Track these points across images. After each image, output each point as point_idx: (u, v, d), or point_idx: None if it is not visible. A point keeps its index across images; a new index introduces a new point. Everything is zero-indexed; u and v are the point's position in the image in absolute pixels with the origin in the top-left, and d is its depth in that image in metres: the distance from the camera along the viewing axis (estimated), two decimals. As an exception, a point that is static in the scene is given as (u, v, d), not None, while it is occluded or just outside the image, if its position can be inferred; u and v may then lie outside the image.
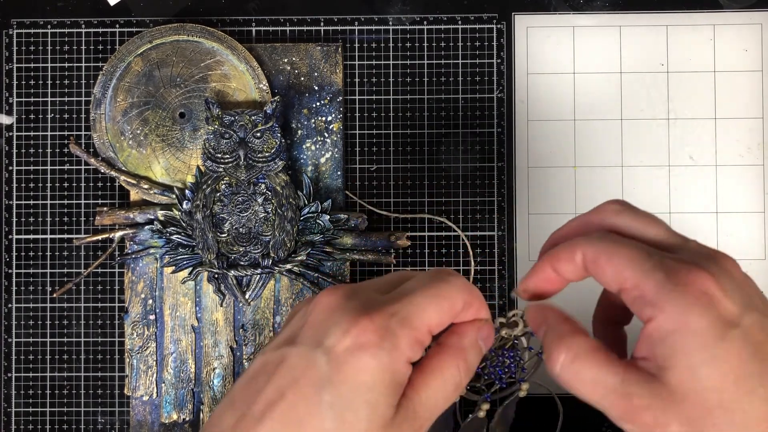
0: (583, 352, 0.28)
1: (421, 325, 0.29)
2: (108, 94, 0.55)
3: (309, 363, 0.28)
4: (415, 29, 0.57)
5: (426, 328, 0.29)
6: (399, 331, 0.28)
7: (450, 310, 0.30)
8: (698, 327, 0.25)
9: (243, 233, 0.54)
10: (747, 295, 0.26)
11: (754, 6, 0.56)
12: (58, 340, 0.56)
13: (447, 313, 0.30)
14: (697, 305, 0.25)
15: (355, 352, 0.28)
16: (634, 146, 0.56)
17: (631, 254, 0.27)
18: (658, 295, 0.26)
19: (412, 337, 0.28)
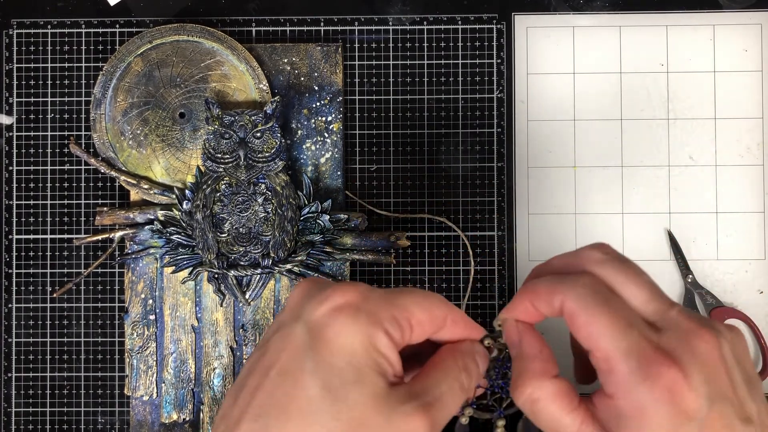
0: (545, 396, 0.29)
1: (401, 306, 0.29)
2: (108, 94, 0.55)
3: (289, 338, 0.28)
4: (415, 29, 0.57)
5: (405, 312, 0.29)
6: (378, 301, 0.29)
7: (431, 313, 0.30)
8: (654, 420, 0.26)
9: (243, 233, 0.54)
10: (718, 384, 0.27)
11: (754, 6, 0.56)
12: (58, 340, 0.56)
13: (428, 314, 0.30)
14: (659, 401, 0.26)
15: (332, 314, 0.28)
16: (634, 146, 0.56)
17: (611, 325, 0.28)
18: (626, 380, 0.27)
19: (390, 311, 0.28)
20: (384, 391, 0.27)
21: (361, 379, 0.27)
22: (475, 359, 0.32)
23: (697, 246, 0.56)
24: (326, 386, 0.27)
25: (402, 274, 0.56)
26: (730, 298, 0.56)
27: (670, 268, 0.56)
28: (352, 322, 0.28)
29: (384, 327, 0.28)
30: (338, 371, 0.27)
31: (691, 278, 0.55)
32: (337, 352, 0.27)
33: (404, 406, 0.27)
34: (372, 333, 0.28)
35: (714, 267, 0.56)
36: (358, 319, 0.28)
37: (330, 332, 0.27)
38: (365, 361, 0.27)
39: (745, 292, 0.56)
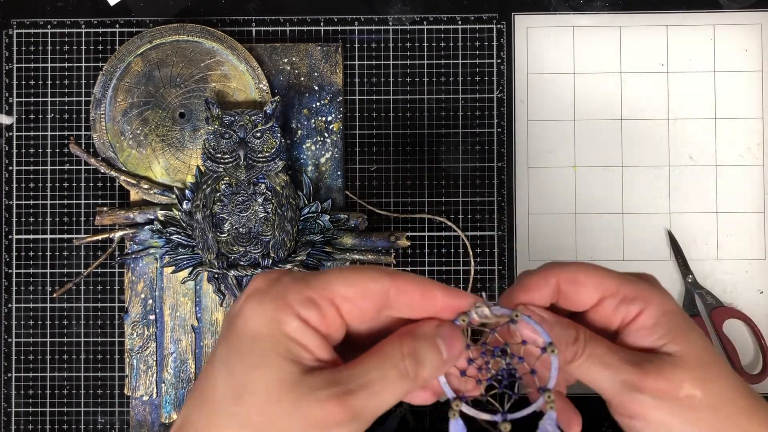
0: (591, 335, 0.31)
1: (317, 285, 0.27)
2: (108, 94, 0.55)
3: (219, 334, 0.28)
4: (415, 29, 0.57)
5: (323, 291, 0.27)
6: (289, 283, 0.27)
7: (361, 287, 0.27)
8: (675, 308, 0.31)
9: (243, 233, 0.54)
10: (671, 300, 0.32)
11: (754, 6, 0.56)
12: (58, 340, 0.56)
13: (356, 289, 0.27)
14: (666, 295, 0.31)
15: (244, 304, 0.27)
16: (634, 146, 0.56)
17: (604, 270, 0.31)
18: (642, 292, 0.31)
19: (302, 292, 0.27)
20: (293, 377, 0.26)
21: (264, 365, 0.26)
22: (435, 344, 0.28)
23: (697, 246, 0.56)
24: (229, 372, 0.26)
25: (402, 274, 0.56)
26: (730, 298, 0.56)
27: (670, 268, 0.56)
28: (258, 307, 0.27)
29: (294, 310, 0.27)
30: (241, 357, 0.26)
31: (691, 278, 0.55)
32: (243, 339, 0.27)
33: (317, 392, 0.26)
34: (279, 317, 0.26)
35: (714, 267, 0.56)
36: (263, 304, 0.27)
37: (240, 320, 0.27)
38: (270, 346, 0.26)
39: (745, 292, 0.56)
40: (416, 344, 0.28)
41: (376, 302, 0.28)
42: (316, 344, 0.27)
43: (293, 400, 0.25)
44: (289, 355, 0.26)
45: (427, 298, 0.28)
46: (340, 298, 0.27)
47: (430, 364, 0.28)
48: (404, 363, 0.27)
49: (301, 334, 0.27)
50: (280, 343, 0.26)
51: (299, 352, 0.26)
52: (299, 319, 0.27)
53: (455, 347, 0.28)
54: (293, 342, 0.26)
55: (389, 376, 0.27)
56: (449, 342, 0.28)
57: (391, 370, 0.27)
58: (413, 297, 0.28)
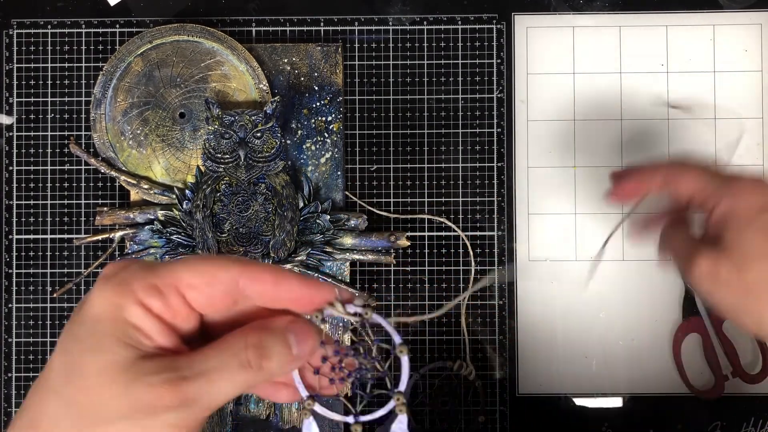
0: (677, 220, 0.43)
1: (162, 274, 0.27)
2: (108, 94, 0.55)
3: None
4: (415, 29, 0.57)
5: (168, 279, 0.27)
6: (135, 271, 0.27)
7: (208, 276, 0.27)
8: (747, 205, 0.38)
9: (243, 233, 0.54)
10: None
11: (754, 6, 0.56)
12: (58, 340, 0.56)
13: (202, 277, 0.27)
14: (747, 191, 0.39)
15: (91, 290, 0.27)
16: (634, 146, 0.56)
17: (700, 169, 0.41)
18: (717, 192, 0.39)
19: (146, 280, 0.27)
20: (126, 361, 0.26)
21: (99, 348, 0.26)
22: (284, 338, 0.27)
23: (697, 246, 0.56)
24: (65, 354, 0.27)
25: (402, 274, 0.56)
26: (730, 298, 0.56)
27: (670, 268, 0.56)
28: (101, 292, 0.27)
29: (136, 296, 0.26)
30: (78, 340, 0.27)
31: (691, 278, 0.55)
32: (83, 322, 0.27)
33: (150, 377, 0.25)
34: (119, 302, 0.26)
35: (714, 267, 0.56)
36: (106, 289, 0.27)
37: (85, 305, 0.27)
38: (108, 330, 0.26)
39: (745, 292, 0.56)
40: (263, 336, 0.27)
41: (225, 290, 0.27)
42: (157, 331, 0.27)
43: (124, 382, 0.25)
44: (126, 339, 0.26)
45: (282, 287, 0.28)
46: (186, 285, 0.27)
47: (278, 357, 0.27)
48: (246, 353, 0.27)
49: (142, 320, 0.26)
50: (118, 327, 0.26)
51: (138, 337, 0.26)
52: (141, 305, 0.26)
53: (307, 343, 0.28)
54: (132, 328, 0.26)
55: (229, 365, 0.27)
56: (300, 337, 0.28)
57: (231, 359, 0.27)
58: (266, 285, 0.28)
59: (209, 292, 0.27)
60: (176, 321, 0.27)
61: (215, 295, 0.27)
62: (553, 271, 0.56)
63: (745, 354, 0.55)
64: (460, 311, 0.55)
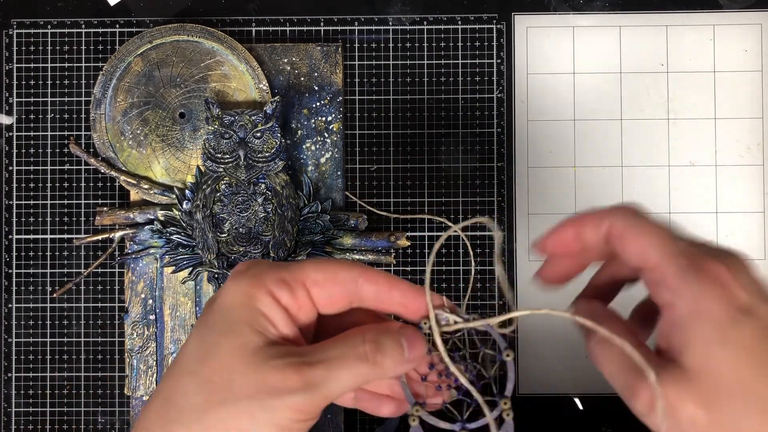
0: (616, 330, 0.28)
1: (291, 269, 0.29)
2: (108, 94, 0.55)
3: None
4: (415, 29, 0.57)
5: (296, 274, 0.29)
6: (266, 266, 0.30)
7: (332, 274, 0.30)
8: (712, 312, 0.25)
9: (243, 233, 0.54)
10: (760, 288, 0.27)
11: (754, 6, 0.56)
12: (58, 340, 0.56)
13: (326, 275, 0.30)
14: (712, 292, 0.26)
15: (224, 284, 0.30)
16: (634, 146, 0.56)
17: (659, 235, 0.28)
18: (678, 281, 0.26)
19: (276, 273, 0.29)
20: (257, 346, 0.28)
21: (232, 331, 0.28)
22: (397, 339, 0.29)
23: (697, 246, 0.56)
24: (200, 339, 0.29)
25: (402, 274, 0.56)
26: (730, 298, 0.56)
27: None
28: (234, 283, 0.29)
29: (267, 288, 0.29)
30: (212, 325, 0.29)
31: (691, 278, 0.55)
32: (217, 311, 0.29)
33: (276, 360, 0.27)
34: (252, 292, 0.29)
35: (714, 267, 0.56)
36: (240, 280, 0.29)
37: (219, 298, 0.29)
38: (240, 317, 0.28)
39: (745, 292, 0.56)
40: (379, 334, 0.29)
41: (346, 289, 0.30)
42: (283, 322, 0.29)
43: (252, 364, 0.27)
44: (256, 326, 0.28)
45: (395, 290, 0.30)
46: (311, 281, 0.29)
47: (391, 356, 0.29)
48: (364, 347, 0.29)
49: (271, 310, 0.29)
50: (250, 314, 0.28)
51: (266, 325, 0.29)
52: (271, 296, 0.29)
53: (417, 349, 0.30)
54: (262, 316, 0.29)
55: (347, 356, 0.28)
56: (411, 342, 0.30)
57: (350, 350, 0.29)
58: (381, 287, 0.30)
59: (331, 289, 0.30)
60: (299, 314, 0.30)
61: (336, 293, 0.30)
62: (553, 271, 0.56)
63: (745, 354, 0.55)
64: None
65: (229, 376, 0.27)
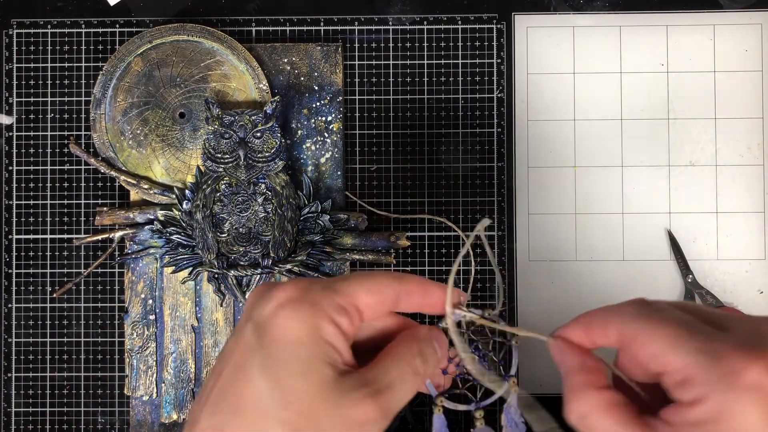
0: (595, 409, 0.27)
1: (345, 293, 0.29)
2: (108, 94, 0.55)
3: (240, 339, 0.29)
4: (415, 29, 0.57)
5: (350, 298, 0.29)
6: (320, 291, 0.29)
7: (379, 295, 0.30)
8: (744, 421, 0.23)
9: (243, 233, 0.54)
10: None
11: (754, 6, 0.56)
12: (58, 340, 0.56)
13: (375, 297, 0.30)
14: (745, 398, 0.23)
15: (278, 311, 0.28)
16: (634, 146, 0.56)
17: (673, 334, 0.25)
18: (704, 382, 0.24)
19: (333, 300, 0.29)
20: (332, 380, 0.27)
21: (307, 370, 0.27)
22: (433, 345, 0.32)
23: (697, 246, 0.56)
24: (274, 379, 0.27)
25: (402, 274, 0.56)
26: (730, 298, 0.56)
27: (670, 268, 0.56)
28: (295, 314, 0.28)
29: (329, 315, 0.28)
30: (284, 364, 0.27)
31: (691, 278, 0.55)
32: (283, 346, 0.28)
33: (354, 393, 0.28)
34: (316, 323, 0.28)
35: (714, 267, 0.56)
36: (301, 311, 0.28)
37: (276, 328, 0.28)
38: (311, 352, 0.28)
39: (745, 292, 0.56)
40: (421, 345, 0.31)
41: (390, 306, 0.31)
42: (345, 348, 0.29)
43: (333, 402, 0.27)
44: (327, 359, 0.28)
45: (427, 296, 0.32)
46: (363, 304, 0.30)
47: (432, 361, 0.31)
48: (416, 361, 0.30)
49: (335, 339, 0.28)
50: (319, 348, 0.28)
51: (334, 356, 0.28)
52: (334, 324, 0.28)
53: (445, 347, 0.33)
54: (330, 347, 0.28)
55: (406, 374, 0.30)
56: (440, 342, 0.33)
57: (407, 368, 0.30)
58: (417, 297, 0.32)
59: (378, 309, 0.31)
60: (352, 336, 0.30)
61: (381, 310, 0.31)
62: (553, 271, 0.56)
63: (746, 354, 0.55)
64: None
65: (315, 419, 0.27)
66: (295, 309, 0.28)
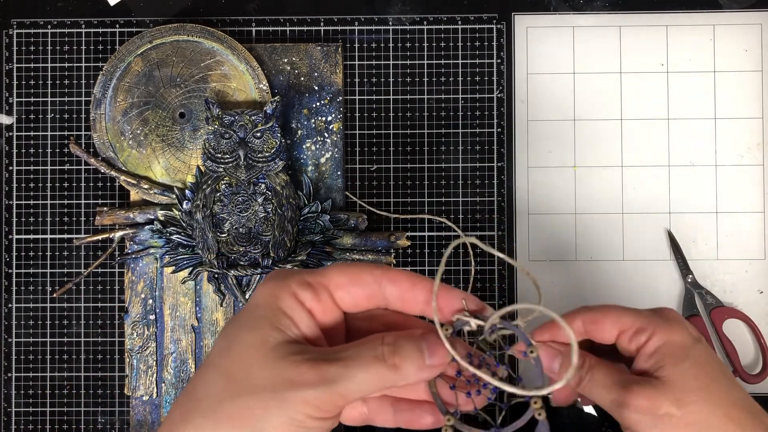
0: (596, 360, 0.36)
1: (317, 273, 0.31)
2: (108, 94, 0.55)
3: None
4: (415, 29, 0.57)
5: (320, 277, 0.30)
6: (293, 272, 0.31)
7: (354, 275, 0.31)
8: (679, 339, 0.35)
9: (243, 233, 0.54)
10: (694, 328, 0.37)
11: (754, 6, 0.56)
12: (58, 340, 0.56)
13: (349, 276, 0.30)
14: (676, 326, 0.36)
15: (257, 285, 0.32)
16: (634, 146, 0.56)
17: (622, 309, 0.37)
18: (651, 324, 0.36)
19: (301, 277, 0.30)
20: (276, 342, 0.29)
21: (253, 327, 0.29)
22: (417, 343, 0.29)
23: (697, 246, 0.56)
24: (225, 335, 0.30)
25: (402, 274, 0.56)
26: (730, 298, 0.56)
27: (670, 268, 0.56)
28: (262, 285, 0.31)
29: (291, 289, 0.30)
30: (238, 320, 0.30)
31: (691, 278, 0.55)
32: (245, 310, 0.31)
33: (294, 356, 0.28)
34: (276, 293, 0.30)
35: (714, 267, 0.56)
36: (267, 282, 0.31)
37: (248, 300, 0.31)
38: (264, 314, 0.30)
39: (745, 292, 0.56)
40: (398, 338, 0.29)
41: (369, 290, 0.31)
42: (305, 323, 0.30)
43: (271, 359, 0.28)
44: (277, 323, 0.29)
45: (417, 289, 0.31)
46: (334, 284, 0.31)
47: (410, 360, 0.29)
48: (382, 348, 0.29)
49: (293, 310, 0.30)
50: (272, 313, 0.30)
51: (288, 324, 0.30)
52: (294, 297, 0.30)
53: (438, 354, 0.29)
54: (284, 315, 0.30)
55: (364, 356, 0.29)
56: (432, 348, 0.29)
57: (367, 351, 0.29)
58: (404, 286, 0.31)
59: (354, 291, 0.31)
60: (324, 317, 0.31)
61: (359, 294, 0.31)
62: (553, 271, 0.56)
63: (745, 354, 0.55)
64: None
65: (247, 368, 0.28)
66: (264, 283, 0.31)
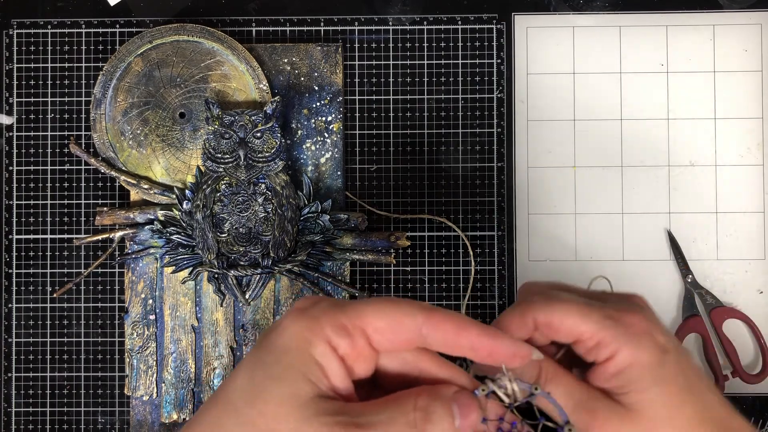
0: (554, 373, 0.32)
1: (353, 314, 0.28)
2: (108, 94, 0.55)
3: None
4: (415, 29, 0.57)
5: (357, 320, 0.28)
6: (327, 307, 0.28)
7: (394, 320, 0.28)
8: (647, 359, 0.30)
9: (243, 233, 0.54)
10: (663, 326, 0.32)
11: (754, 6, 0.56)
12: (58, 340, 0.56)
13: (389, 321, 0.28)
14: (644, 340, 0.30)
15: (283, 319, 0.28)
16: (634, 146, 0.56)
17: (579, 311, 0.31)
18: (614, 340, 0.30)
19: (336, 318, 0.27)
20: (306, 397, 0.26)
21: (283, 378, 0.27)
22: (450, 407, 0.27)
23: (697, 246, 0.56)
24: (250, 377, 0.27)
25: (402, 274, 0.56)
26: (729, 298, 0.56)
27: (670, 268, 0.56)
28: (292, 324, 0.28)
29: (325, 334, 0.27)
30: (265, 366, 0.27)
31: (691, 278, 0.55)
32: (272, 350, 0.27)
33: (324, 417, 0.26)
34: (308, 337, 0.27)
35: (714, 267, 0.56)
36: (298, 322, 0.27)
37: (273, 334, 0.28)
38: (294, 363, 0.27)
39: (745, 292, 0.56)
40: (431, 401, 0.27)
41: (409, 336, 0.28)
42: (337, 373, 0.27)
43: (300, 417, 0.26)
44: (309, 375, 0.27)
45: (462, 336, 0.28)
46: (372, 328, 0.28)
47: (440, 425, 0.27)
48: (414, 414, 0.27)
49: (326, 359, 0.27)
50: (304, 362, 0.27)
51: (319, 375, 0.27)
52: (328, 344, 0.27)
53: (470, 416, 0.28)
54: (316, 365, 0.27)
55: (397, 422, 0.27)
56: (464, 410, 0.28)
57: (400, 416, 0.27)
58: (448, 333, 0.28)
59: (394, 337, 0.28)
60: (356, 364, 0.28)
61: (398, 340, 0.28)
62: (553, 271, 0.56)
63: (745, 354, 0.55)
64: (459, 311, 0.55)
65: (274, 424, 0.26)
66: (294, 319, 0.28)
